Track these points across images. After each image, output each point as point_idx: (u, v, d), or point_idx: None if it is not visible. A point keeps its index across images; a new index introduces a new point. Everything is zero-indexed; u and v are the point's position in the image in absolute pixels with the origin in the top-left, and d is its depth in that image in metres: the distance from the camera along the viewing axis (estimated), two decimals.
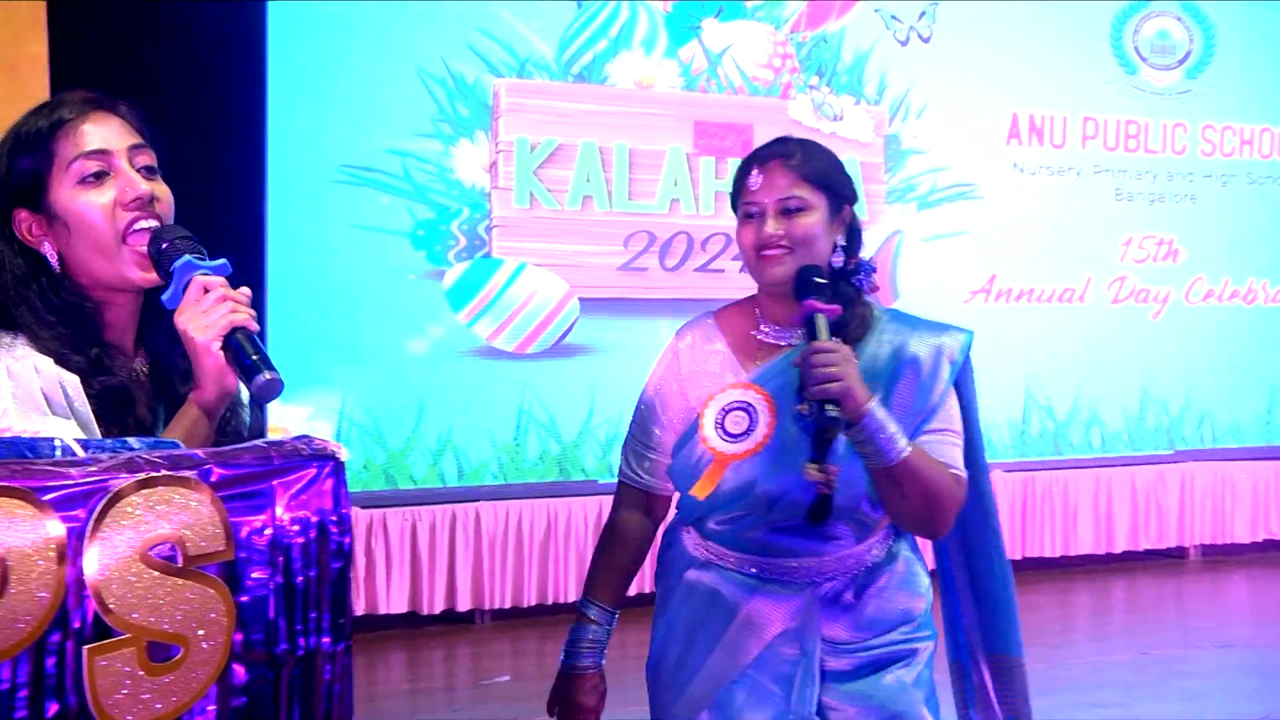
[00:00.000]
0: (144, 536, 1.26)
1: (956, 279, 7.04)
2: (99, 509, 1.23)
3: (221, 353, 1.75)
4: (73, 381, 1.77)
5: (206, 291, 1.77)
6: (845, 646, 2.39)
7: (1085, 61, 7.29)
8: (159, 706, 1.28)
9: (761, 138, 6.55)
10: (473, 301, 6.13)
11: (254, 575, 1.36)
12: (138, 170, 1.85)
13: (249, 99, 5.66)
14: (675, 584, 2.49)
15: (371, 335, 5.99)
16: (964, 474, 2.36)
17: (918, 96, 6.91)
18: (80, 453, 1.33)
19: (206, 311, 1.76)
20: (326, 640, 1.43)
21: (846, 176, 2.45)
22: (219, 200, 5.66)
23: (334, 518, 1.43)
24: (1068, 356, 7.29)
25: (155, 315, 1.91)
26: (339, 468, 1.44)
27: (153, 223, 1.84)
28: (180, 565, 1.29)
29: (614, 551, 2.55)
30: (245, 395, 2.03)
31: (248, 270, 5.67)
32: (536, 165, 6.23)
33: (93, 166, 1.82)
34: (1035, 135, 7.19)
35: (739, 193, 2.43)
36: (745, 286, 2.52)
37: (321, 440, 1.46)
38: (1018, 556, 7.14)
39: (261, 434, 2.02)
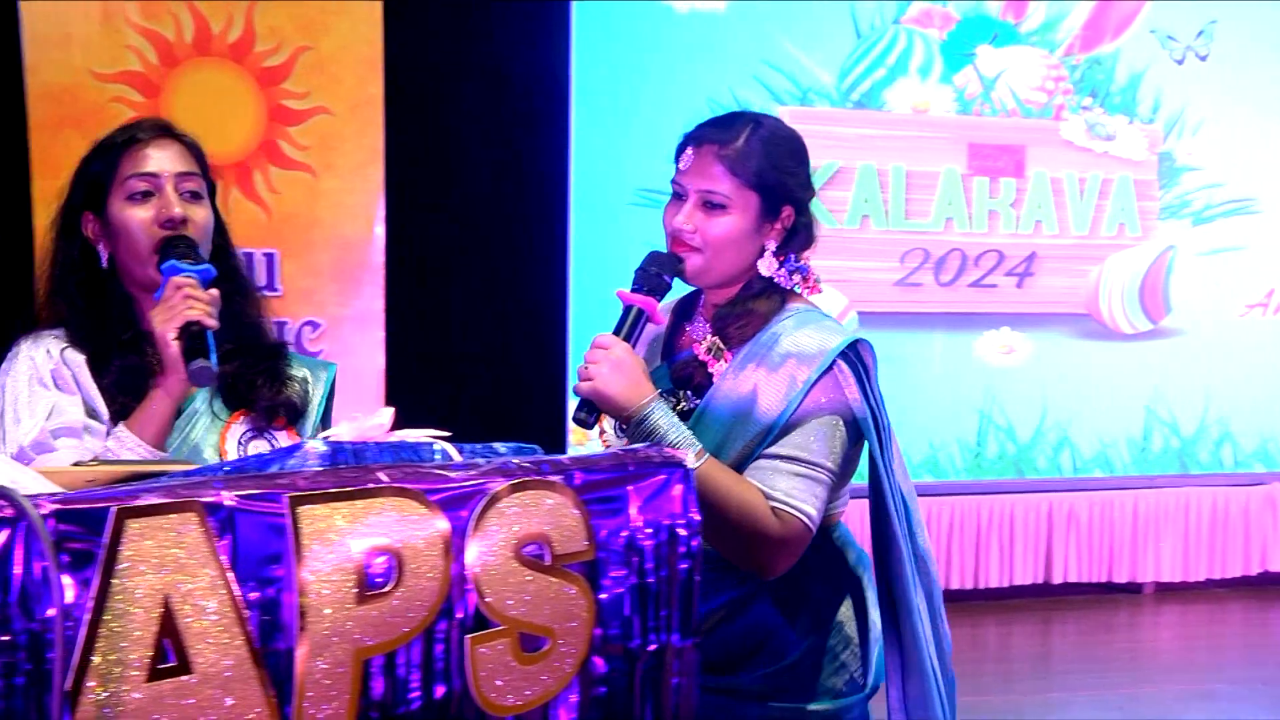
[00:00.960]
0: (517, 535, 1.27)
1: (1233, 293, 6.65)
2: (479, 509, 1.25)
3: (176, 343, 1.85)
4: (77, 360, 1.95)
5: (178, 290, 1.88)
6: None
7: None
8: (529, 693, 1.29)
9: (1034, 159, 6.42)
10: None
11: (612, 574, 1.36)
12: (181, 194, 2.00)
13: (555, 130, 5.78)
14: None
15: None
16: (797, 511, 1.91)
17: (1193, 114, 6.55)
18: (456, 457, 1.36)
19: (170, 306, 1.87)
20: (675, 637, 1.42)
21: (795, 174, 2.11)
22: (528, 222, 5.81)
23: (682, 521, 1.42)
24: None
25: None
26: (687, 475, 1.43)
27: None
28: (548, 563, 1.30)
29: None
30: (308, 372, 2.12)
31: (552, 286, 5.83)
32: (817, 187, 6.15)
33: (141, 186, 1.98)
34: None
35: (676, 163, 2.11)
36: (1017, 300, 2.33)
37: (670, 449, 1.45)
38: None
39: (291, 407, 2.05)
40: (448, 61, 5.54)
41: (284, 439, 2.06)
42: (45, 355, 1.95)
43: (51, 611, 0.99)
